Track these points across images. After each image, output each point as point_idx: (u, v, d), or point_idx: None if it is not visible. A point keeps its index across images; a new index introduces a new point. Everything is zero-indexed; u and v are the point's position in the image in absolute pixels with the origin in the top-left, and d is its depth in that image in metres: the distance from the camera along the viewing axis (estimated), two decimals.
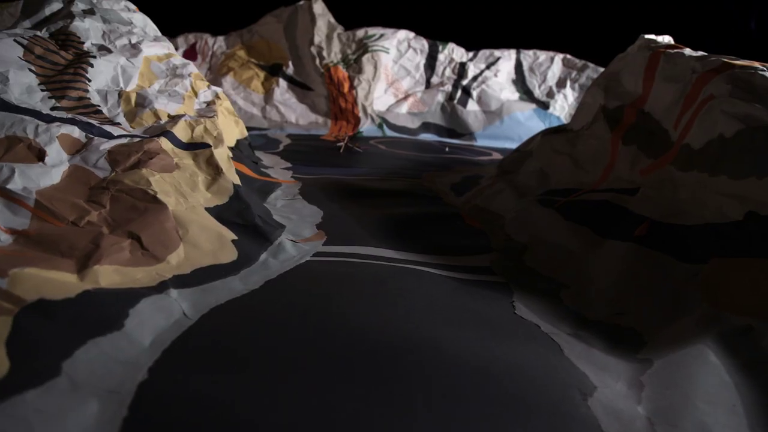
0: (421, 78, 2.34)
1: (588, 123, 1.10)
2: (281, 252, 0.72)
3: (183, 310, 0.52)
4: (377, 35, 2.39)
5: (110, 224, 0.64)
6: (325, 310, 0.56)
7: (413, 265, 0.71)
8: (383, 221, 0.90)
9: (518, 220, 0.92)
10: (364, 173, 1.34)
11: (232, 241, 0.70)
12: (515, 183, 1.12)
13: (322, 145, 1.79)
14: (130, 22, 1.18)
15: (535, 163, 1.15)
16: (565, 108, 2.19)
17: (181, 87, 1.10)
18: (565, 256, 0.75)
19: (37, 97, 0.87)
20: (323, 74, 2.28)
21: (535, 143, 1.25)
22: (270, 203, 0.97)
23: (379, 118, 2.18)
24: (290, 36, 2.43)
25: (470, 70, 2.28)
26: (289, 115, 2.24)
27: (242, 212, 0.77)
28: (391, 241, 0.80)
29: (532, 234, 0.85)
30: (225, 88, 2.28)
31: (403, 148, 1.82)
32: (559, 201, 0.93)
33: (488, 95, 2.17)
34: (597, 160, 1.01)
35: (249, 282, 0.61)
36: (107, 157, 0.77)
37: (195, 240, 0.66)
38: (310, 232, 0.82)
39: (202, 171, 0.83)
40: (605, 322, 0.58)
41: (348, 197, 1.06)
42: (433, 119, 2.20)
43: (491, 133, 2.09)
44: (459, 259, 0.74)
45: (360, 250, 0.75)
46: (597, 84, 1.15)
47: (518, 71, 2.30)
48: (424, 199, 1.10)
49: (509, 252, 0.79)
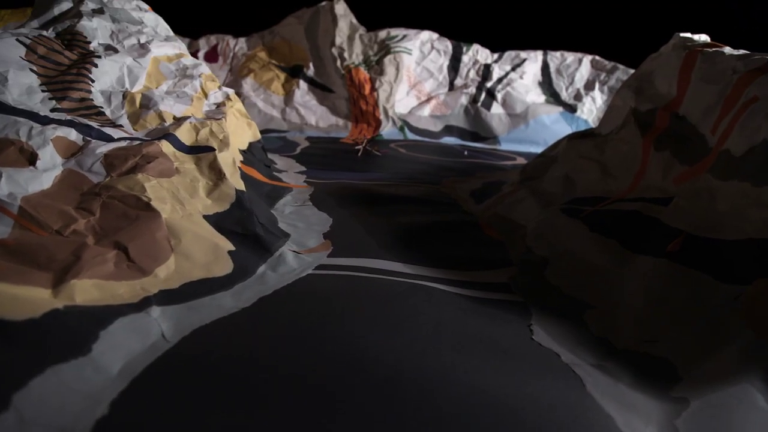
0: (444, 80, 2.28)
1: (617, 127, 1.04)
2: (281, 264, 0.67)
3: (162, 332, 0.47)
4: (400, 36, 2.34)
5: (97, 233, 0.60)
6: (320, 333, 0.51)
7: (423, 281, 0.65)
8: (395, 230, 0.84)
9: (540, 230, 0.86)
10: (380, 178, 1.28)
11: (228, 252, 0.65)
12: (539, 190, 1.05)
13: (341, 148, 1.74)
14: (141, 22, 1.15)
15: (560, 169, 1.08)
16: (593, 111, 2.11)
17: (191, 88, 1.07)
18: (590, 273, 0.69)
19: (37, 98, 0.84)
20: (344, 76, 2.23)
21: (560, 148, 1.19)
22: (278, 209, 0.93)
23: (401, 121, 2.13)
24: (311, 37, 2.40)
25: (495, 72, 2.21)
26: (309, 117, 2.20)
27: (243, 220, 0.73)
28: (401, 252, 0.74)
29: (555, 246, 0.79)
30: (245, 89, 2.25)
31: (423, 152, 1.76)
32: (585, 210, 0.87)
33: (513, 98, 2.10)
34: (626, 166, 0.94)
35: (241, 298, 0.56)
36: (103, 161, 0.73)
37: (188, 251, 0.62)
38: (315, 242, 0.78)
39: (203, 176, 0.79)
40: (634, 351, 0.51)
41: (360, 204, 1.01)
42: (456, 122, 2.14)
43: (516, 137, 2.02)
44: (474, 275, 0.69)
45: (367, 263, 0.69)
46: (627, 85, 1.08)
47: (545, 73, 2.23)
48: (440, 206, 1.04)
49: (529, 266, 0.73)
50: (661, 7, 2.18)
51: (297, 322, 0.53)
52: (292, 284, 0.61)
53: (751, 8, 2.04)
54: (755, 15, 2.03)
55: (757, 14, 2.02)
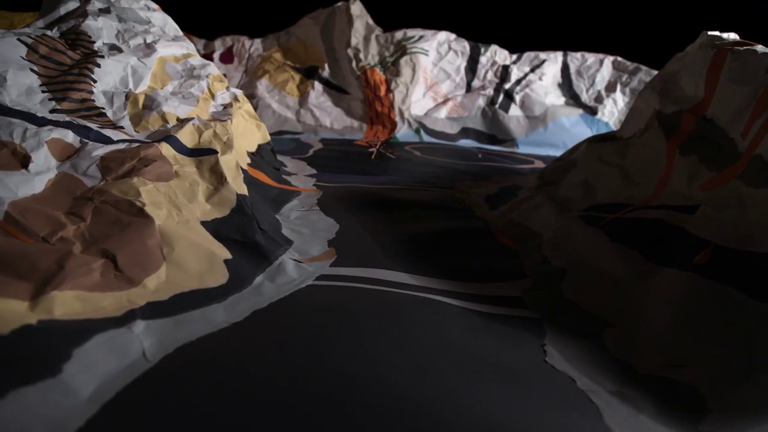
0: (461, 81, 2.24)
1: (640, 130, 0.99)
2: (280, 274, 0.63)
3: (143, 349, 0.44)
4: (416, 37, 2.30)
5: (86, 241, 0.57)
6: (314, 353, 0.47)
7: (431, 294, 0.61)
8: (404, 238, 0.81)
9: (557, 239, 0.81)
10: (392, 182, 1.24)
11: (224, 261, 0.62)
12: (556, 196, 1.01)
13: (354, 151, 1.70)
14: (149, 21, 1.13)
15: (580, 174, 1.03)
16: (614, 114, 2.05)
17: (197, 89, 1.04)
18: (610, 286, 0.64)
19: (37, 98, 0.82)
20: (359, 77, 2.20)
21: (580, 152, 1.14)
22: (283, 214, 0.90)
23: (417, 123, 2.09)
24: (327, 38, 2.37)
25: (513, 73, 2.16)
26: (324, 119, 2.17)
27: (243, 227, 0.69)
28: (408, 262, 0.71)
29: (573, 257, 0.74)
30: (260, 91, 2.23)
31: (439, 155, 1.72)
32: (605, 218, 0.82)
33: (532, 100, 2.05)
34: (650, 172, 0.89)
35: (234, 312, 0.53)
36: (99, 164, 0.70)
37: (180, 260, 0.59)
38: (319, 250, 0.74)
39: (204, 179, 0.76)
40: (658, 377, 0.47)
41: (369, 209, 0.97)
42: (474, 124, 2.09)
43: (534, 140, 1.96)
44: (484, 287, 0.64)
45: (371, 273, 0.66)
46: (651, 87, 1.03)
47: (565, 74, 2.17)
48: (453, 212, 1.00)
49: (544, 279, 0.69)
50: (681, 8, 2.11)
51: (290, 339, 0.49)
52: (290, 296, 0.57)
53: (757, 8, 1.99)
54: (760, 14, 1.97)
55: (763, 14, 1.96)
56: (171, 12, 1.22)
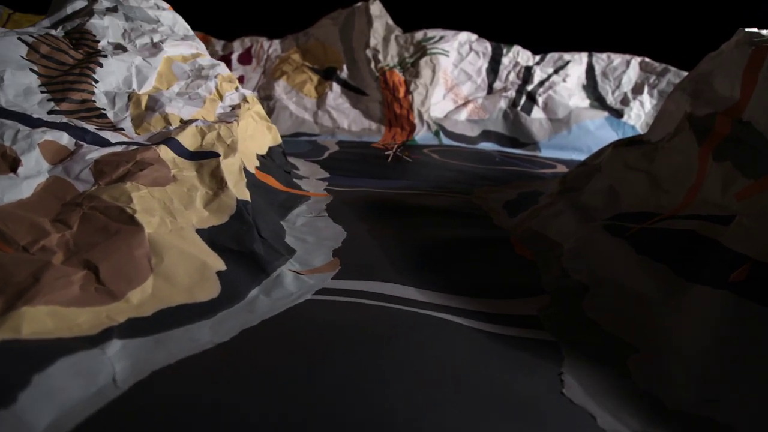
0: (482, 83, 2.18)
1: (669, 134, 0.92)
2: (277, 287, 0.59)
3: (114, 374, 0.40)
4: (437, 37, 2.25)
5: (69, 250, 0.53)
6: (303, 377, 0.43)
7: (438, 312, 0.56)
8: (415, 248, 0.76)
9: (578, 250, 0.76)
10: (407, 186, 1.20)
11: (217, 272, 0.58)
12: (579, 203, 0.95)
13: (371, 153, 1.66)
14: (157, 21, 1.10)
15: (604, 179, 0.98)
16: (641, 116, 1.97)
17: (204, 89, 1.01)
18: (636, 305, 0.59)
19: (35, 99, 0.79)
20: (378, 78, 2.16)
21: (604, 156, 1.08)
22: (289, 221, 0.86)
23: (436, 125, 2.04)
24: (346, 38, 2.33)
25: (536, 75, 2.10)
26: (342, 120, 2.13)
27: (240, 235, 0.65)
28: (417, 274, 0.66)
29: (595, 270, 0.69)
30: (277, 92, 2.21)
31: (458, 158, 1.67)
32: (630, 228, 0.77)
33: (555, 102, 1.99)
34: (680, 178, 0.83)
35: (221, 330, 0.49)
36: (93, 167, 0.67)
37: (169, 271, 0.55)
38: (322, 260, 0.70)
39: (203, 184, 0.72)
40: (690, 414, 0.42)
41: (380, 215, 0.92)
42: (495, 127, 2.04)
43: (557, 143, 1.90)
44: (498, 304, 0.59)
45: (375, 287, 0.61)
46: (682, 88, 0.97)
47: (590, 76, 2.10)
48: (469, 219, 0.95)
49: (564, 295, 0.63)
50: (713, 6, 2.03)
51: (278, 362, 0.45)
52: (285, 313, 0.53)
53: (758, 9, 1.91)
54: (762, 15, 1.89)
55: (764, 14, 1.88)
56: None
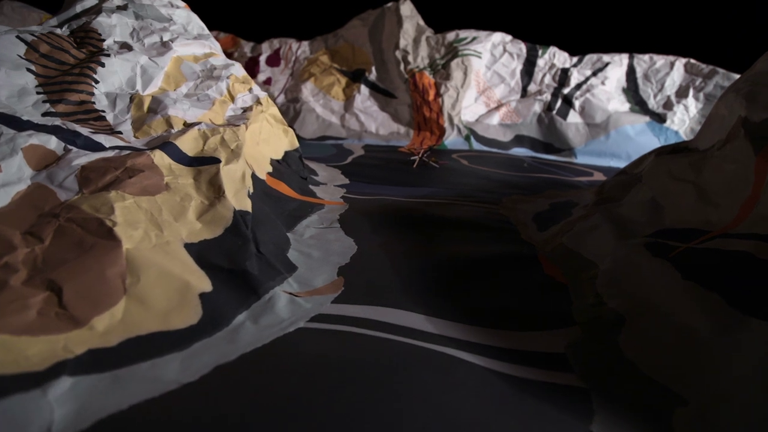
0: (516, 86, 2.09)
1: (720, 141, 0.83)
2: (267, 313, 0.52)
3: (51, 423, 0.34)
4: (469, 38, 2.16)
5: (35, 268, 0.48)
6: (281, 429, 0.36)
7: (449, 347, 0.49)
8: (430, 266, 0.68)
9: (615, 272, 0.67)
10: (431, 194, 1.12)
11: (200, 294, 0.51)
12: (617, 216, 0.86)
13: (396, 158, 1.59)
14: (170, 19, 1.05)
15: (646, 190, 0.88)
16: (685, 122, 1.85)
17: (215, 90, 0.95)
18: (683, 343, 0.50)
19: (29, 100, 0.74)
20: (407, 80, 2.09)
21: (646, 165, 0.98)
22: (297, 232, 0.79)
23: (467, 130, 1.96)
24: (375, 40, 2.27)
25: (573, 77, 2.00)
26: (369, 124, 2.07)
27: (233, 251, 0.59)
28: (430, 299, 0.58)
29: (634, 297, 0.60)
30: (304, 94, 2.16)
31: (488, 165, 1.58)
32: (676, 248, 0.68)
33: (593, 106, 1.88)
34: (733, 191, 0.74)
35: (192, 366, 0.42)
36: (79, 174, 0.62)
37: (145, 293, 0.49)
38: (325, 279, 0.63)
39: (199, 193, 0.66)
40: None
41: (397, 227, 0.85)
42: (528, 132, 1.94)
43: (594, 149, 1.79)
44: (520, 338, 0.52)
45: (380, 314, 0.54)
46: (736, 90, 0.87)
47: (630, 78, 1.99)
48: (495, 232, 0.87)
49: (597, 327, 0.55)
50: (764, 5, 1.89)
51: (250, 410, 0.38)
52: (270, 345, 0.46)
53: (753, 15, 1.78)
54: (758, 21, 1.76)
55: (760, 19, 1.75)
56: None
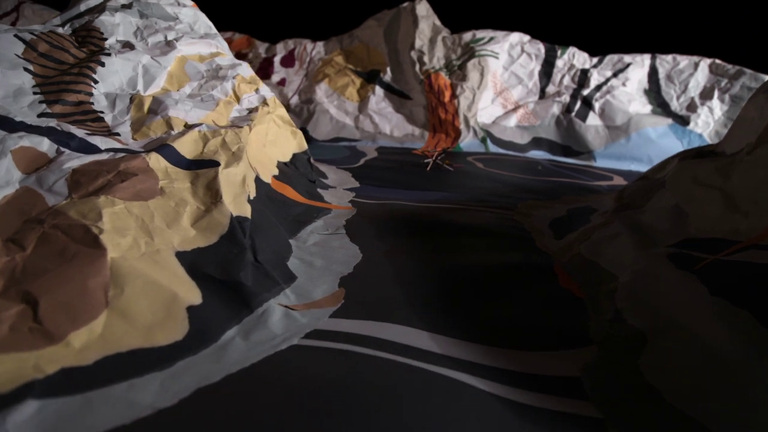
0: (534, 87, 2.04)
1: (750, 145, 0.78)
2: (260, 328, 0.49)
3: None
4: (486, 38, 2.12)
5: (13, 278, 0.45)
6: None
7: (453, 370, 0.45)
8: (437, 276, 0.65)
9: (636, 285, 0.63)
10: (443, 199, 1.09)
11: (188, 308, 0.48)
12: (638, 224, 0.82)
13: (409, 161, 1.56)
14: (176, 18, 1.03)
15: (669, 197, 0.84)
16: (709, 124, 1.79)
17: (220, 91, 0.93)
18: (712, 367, 0.46)
19: (25, 101, 0.72)
20: (423, 81, 2.05)
21: (669, 170, 0.94)
22: (300, 239, 0.76)
23: (483, 132, 1.91)
24: (390, 40, 2.24)
25: (593, 78, 1.95)
26: (384, 125, 2.04)
27: (228, 260, 0.56)
28: (435, 313, 0.55)
29: (657, 314, 0.56)
30: (318, 95, 2.14)
31: (504, 168, 1.54)
32: (702, 259, 0.63)
33: (613, 107, 1.83)
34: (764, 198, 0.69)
35: (171, 388, 0.39)
36: (69, 177, 0.59)
37: (129, 306, 0.46)
38: (325, 291, 0.59)
39: (195, 198, 0.63)
40: None
41: (405, 234, 0.81)
42: (546, 134, 1.89)
43: (614, 152, 1.74)
44: (531, 359, 0.47)
45: (381, 331, 0.50)
46: (766, 90, 0.82)
47: (652, 79, 1.93)
48: (508, 240, 0.83)
49: (616, 347, 0.51)
50: None
51: None
52: (259, 364, 0.43)
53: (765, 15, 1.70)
54: None
55: None
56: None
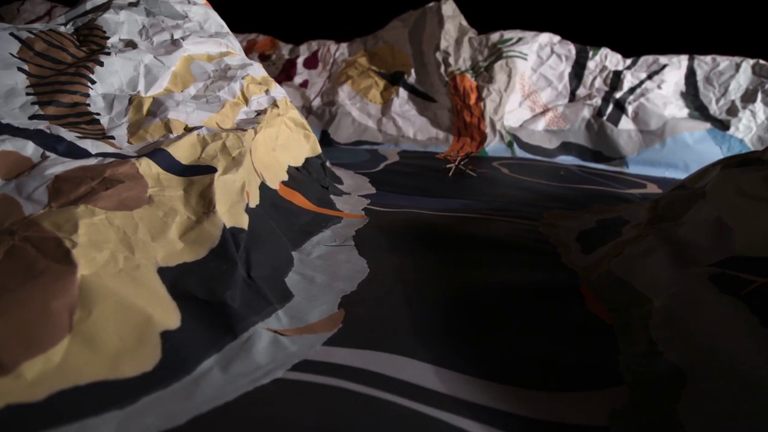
0: (564, 89, 1.96)
1: None
2: (242, 357, 0.44)
3: None
4: (515, 39, 2.05)
5: None
6: None
7: (458, 413, 0.38)
8: (449, 296, 0.59)
9: (674, 311, 0.56)
10: (463, 208, 1.02)
11: (162, 333, 0.43)
12: (675, 238, 0.74)
13: (432, 166, 1.49)
14: (185, 16, 0.99)
15: (710, 209, 0.76)
16: (751, 129, 1.68)
17: (227, 92, 0.88)
18: (763, 412, 0.39)
19: (17, 102, 0.68)
20: (448, 83, 1.99)
21: (710, 179, 0.86)
22: (304, 250, 0.71)
23: (510, 136, 1.84)
24: (415, 41, 2.18)
25: (627, 81, 1.86)
26: (407, 128, 1.98)
27: (214, 278, 0.51)
28: (443, 342, 0.49)
29: (698, 346, 0.49)
30: (341, 97, 2.09)
31: (530, 174, 1.47)
32: (750, 283, 0.56)
33: (648, 111, 1.73)
34: None
35: (129, 431, 0.34)
36: (51, 185, 0.55)
37: (95, 330, 0.41)
38: (322, 312, 0.54)
39: (187, 207, 0.58)
40: None
41: (419, 247, 0.76)
42: (576, 139, 1.81)
43: (648, 158, 1.65)
44: (549, 401, 0.41)
45: (379, 363, 0.44)
46: None
47: (690, 82, 1.83)
48: (531, 255, 0.76)
49: (651, 388, 0.44)
50: None
51: None
52: (235, 403, 0.38)
53: None
54: None
55: None
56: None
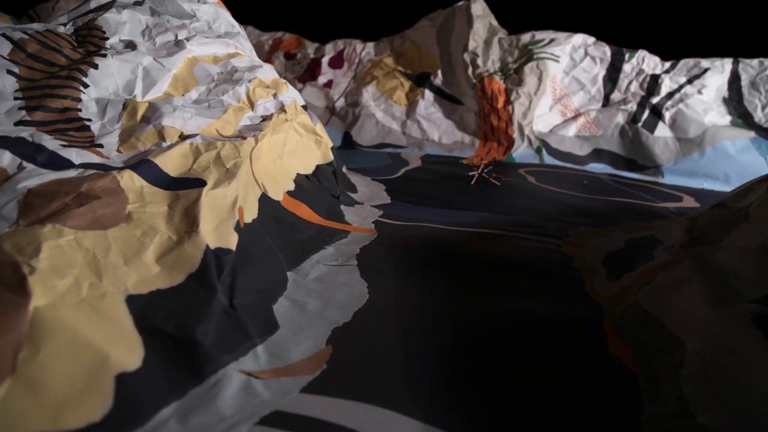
0: (597, 93, 1.87)
1: None
2: (205, 406, 0.38)
3: None
4: (546, 40, 1.97)
5: None
6: None
7: None
8: (454, 333, 0.53)
9: (709, 360, 0.49)
10: (481, 222, 0.96)
11: (117, 376, 0.38)
12: (713, 267, 0.66)
13: (454, 173, 1.43)
14: (192, 15, 0.94)
15: (754, 233, 0.68)
16: None
17: (231, 96, 0.83)
18: None
19: (3, 107, 0.65)
20: (475, 86, 1.92)
21: (754, 197, 0.77)
22: (302, 271, 0.65)
23: (538, 141, 1.77)
24: (443, 41, 2.12)
25: (665, 85, 1.76)
26: (432, 132, 1.92)
27: (186, 310, 0.46)
28: (438, 393, 0.43)
29: (738, 407, 0.42)
30: (365, 98, 2.04)
31: (558, 184, 1.39)
32: None
33: (686, 118, 1.64)
34: None
35: None
36: (22, 200, 0.50)
37: (40, 372, 0.36)
38: (306, 349, 0.48)
39: (169, 226, 0.53)
40: None
41: (428, 268, 0.70)
42: (608, 146, 1.72)
43: (685, 168, 1.55)
44: None
45: (360, 419, 0.38)
46: None
47: (733, 87, 1.72)
48: (551, 281, 0.69)
49: None
50: None
51: None
52: None
53: None
54: None
55: None
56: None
